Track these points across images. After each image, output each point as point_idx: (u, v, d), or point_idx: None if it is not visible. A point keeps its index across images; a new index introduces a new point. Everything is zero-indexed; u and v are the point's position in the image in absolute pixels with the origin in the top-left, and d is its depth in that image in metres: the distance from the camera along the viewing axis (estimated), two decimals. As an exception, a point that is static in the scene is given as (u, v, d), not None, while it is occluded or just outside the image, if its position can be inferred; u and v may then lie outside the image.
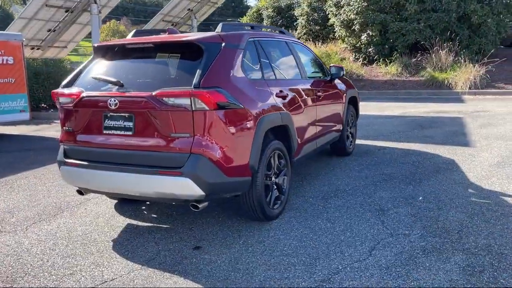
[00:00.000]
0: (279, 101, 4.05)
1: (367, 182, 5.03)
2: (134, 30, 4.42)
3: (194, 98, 3.21)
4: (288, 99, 4.25)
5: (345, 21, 17.43)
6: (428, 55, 15.41)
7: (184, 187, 3.29)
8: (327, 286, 2.87)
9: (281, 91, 4.16)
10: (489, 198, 4.39)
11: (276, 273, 3.06)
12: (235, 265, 3.21)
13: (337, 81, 5.76)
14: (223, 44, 3.61)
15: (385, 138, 7.54)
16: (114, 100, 3.46)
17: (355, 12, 16.53)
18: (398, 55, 16.26)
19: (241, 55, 3.75)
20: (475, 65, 14.07)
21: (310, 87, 4.91)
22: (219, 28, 3.89)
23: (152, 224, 4.10)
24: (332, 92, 5.56)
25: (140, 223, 4.12)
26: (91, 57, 4.01)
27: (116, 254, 3.49)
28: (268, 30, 5.11)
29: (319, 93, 5.03)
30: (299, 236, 3.64)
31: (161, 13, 17.86)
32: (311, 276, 3.00)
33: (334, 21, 18.42)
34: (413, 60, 16.04)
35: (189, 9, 19.06)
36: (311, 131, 4.82)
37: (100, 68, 3.90)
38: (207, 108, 3.25)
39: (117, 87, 3.54)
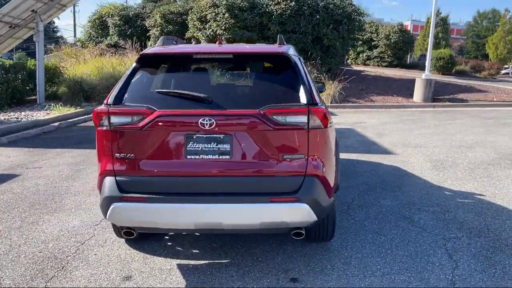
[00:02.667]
0: None
1: (361, 190, 5.30)
2: (162, 37, 3.79)
3: (311, 116, 2.95)
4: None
5: (211, 36, 17.68)
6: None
7: (300, 213, 2.96)
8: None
9: None
10: (468, 197, 5.13)
11: None
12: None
13: None
14: (298, 58, 3.40)
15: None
16: (209, 119, 2.90)
17: (223, 28, 16.92)
18: (264, 71, 17.26)
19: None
20: (333, 82, 15.93)
21: None
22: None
23: (217, 261, 3.53)
24: None
25: (195, 262, 3.51)
26: (135, 67, 3.24)
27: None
28: None
29: None
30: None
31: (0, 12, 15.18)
32: None
33: (198, 35, 18.49)
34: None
35: (33, 10, 16.65)
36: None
37: (160, 81, 3.23)
38: (322, 126, 3.00)
39: (203, 103, 2.98)
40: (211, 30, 17.41)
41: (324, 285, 3.11)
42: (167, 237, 3.95)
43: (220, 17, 16.97)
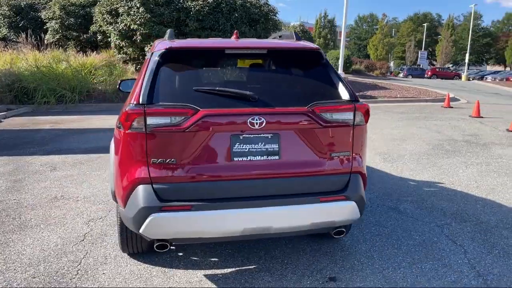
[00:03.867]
0: None
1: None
2: (170, 30, 3.45)
3: (357, 112, 2.92)
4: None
5: (124, 30, 16.74)
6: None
7: (348, 212, 2.92)
8: None
9: None
10: (432, 186, 5.56)
11: None
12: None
13: None
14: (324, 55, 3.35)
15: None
16: (259, 118, 2.71)
17: (138, 22, 16.11)
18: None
19: None
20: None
21: None
22: None
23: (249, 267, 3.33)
24: None
25: (221, 271, 3.27)
26: (159, 61, 2.88)
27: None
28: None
29: None
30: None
31: None
32: None
33: (109, 30, 17.37)
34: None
35: None
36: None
37: (190, 77, 2.94)
38: (363, 122, 3.00)
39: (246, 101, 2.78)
40: (123, 24, 16.47)
41: (364, 281, 3.12)
42: (173, 247, 3.65)
43: (135, 11, 16.14)
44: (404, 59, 72.69)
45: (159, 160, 2.67)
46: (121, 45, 17.11)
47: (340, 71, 17.24)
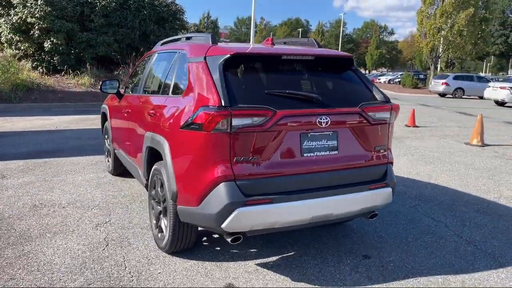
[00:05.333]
0: None
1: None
2: (210, 34, 3.55)
3: (392, 111, 3.44)
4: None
5: (17, 24, 15.26)
6: (122, 68, 16.02)
7: (387, 197, 3.41)
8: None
9: None
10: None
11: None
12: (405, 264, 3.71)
13: None
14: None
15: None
16: (326, 118, 3.05)
17: (37, 16, 14.83)
18: (89, 66, 15.92)
19: None
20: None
21: None
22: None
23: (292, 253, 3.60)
24: None
25: (269, 259, 3.51)
26: (224, 65, 3.02)
27: None
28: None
29: None
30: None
31: None
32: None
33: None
34: (110, 73, 16.21)
35: None
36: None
37: (253, 80, 3.14)
38: (394, 119, 3.53)
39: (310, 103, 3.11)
40: (18, 17, 15.02)
41: (391, 256, 3.66)
42: (206, 243, 3.80)
43: (32, 3, 14.84)
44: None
45: (242, 158, 2.86)
46: (13, 39, 15.52)
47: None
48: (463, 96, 27.35)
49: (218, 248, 3.69)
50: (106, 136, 6.06)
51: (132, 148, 4.42)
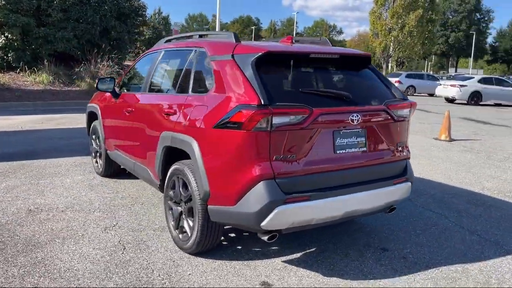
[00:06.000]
0: None
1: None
2: (233, 33, 3.51)
3: (411, 109, 3.57)
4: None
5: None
6: (84, 65, 15.42)
7: (407, 191, 3.52)
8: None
9: None
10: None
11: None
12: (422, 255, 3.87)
13: None
14: None
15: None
16: (357, 115, 3.11)
17: (-11, 9, 13.97)
18: (47, 63, 15.20)
19: None
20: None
21: None
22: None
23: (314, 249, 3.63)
24: None
25: (294, 256, 3.53)
26: (257, 63, 3.00)
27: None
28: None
29: None
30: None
31: None
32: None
33: None
34: (70, 70, 15.55)
35: None
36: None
37: (283, 78, 3.14)
38: (411, 117, 3.66)
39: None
40: (-33, 10, 14.06)
41: (406, 248, 3.80)
42: (225, 243, 3.79)
43: (-16, -4, 13.94)
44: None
45: (282, 156, 2.87)
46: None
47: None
48: (414, 94, 28.62)
49: (240, 247, 3.68)
50: (94, 137, 5.83)
51: (138, 148, 4.29)
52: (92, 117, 5.86)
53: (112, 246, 3.60)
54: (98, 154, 5.73)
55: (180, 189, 3.49)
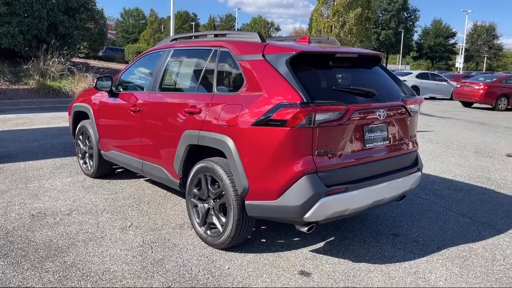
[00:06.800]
0: None
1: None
2: (257, 32, 3.59)
3: (421, 104, 3.87)
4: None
5: None
6: (32, 62, 14.60)
7: (418, 180, 3.82)
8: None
9: None
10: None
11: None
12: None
13: None
14: None
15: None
16: (383, 111, 3.36)
17: None
18: (-10, 60, 14.22)
19: None
20: (89, 73, 14.96)
21: None
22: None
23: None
24: None
25: (319, 246, 3.71)
26: (291, 62, 3.14)
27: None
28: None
29: None
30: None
31: None
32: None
33: None
34: (16, 67, 14.64)
35: None
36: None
37: (318, 76, 3.30)
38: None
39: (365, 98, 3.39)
40: None
41: (418, 231, 4.13)
42: (249, 237, 3.90)
43: None
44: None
45: (323, 151, 3.05)
46: None
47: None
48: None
49: (264, 240, 3.81)
50: (81, 137, 5.67)
51: (149, 148, 4.26)
52: (79, 117, 5.68)
53: (139, 246, 3.59)
54: (88, 155, 5.57)
55: (208, 186, 3.55)
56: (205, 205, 3.63)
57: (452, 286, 3.13)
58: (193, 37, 4.36)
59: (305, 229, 3.17)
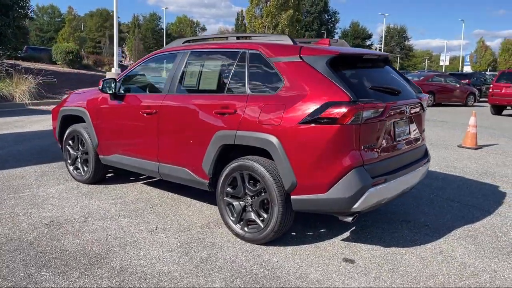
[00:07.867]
0: None
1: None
2: (288, 36, 3.74)
3: (428, 101, 4.29)
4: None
5: None
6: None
7: (427, 170, 4.23)
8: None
9: None
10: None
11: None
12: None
13: None
14: None
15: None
16: (408, 108, 3.70)
17: None
18: None
19: None
20: (28, 76, 14.04)
21: None
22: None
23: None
24: None
25: (343, 236, 3.94)
26: (330, 63, 3.36)
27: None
28: None
29: None
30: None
31: None
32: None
33: None
34: None
35: None
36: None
37: (353, 76, 3.55)
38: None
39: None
40: None
41: (428, 219, 4.54)
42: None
43: None
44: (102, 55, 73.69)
45: (367, 145, 3.31)
46: None
47: (116, 67, 16.93)
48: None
49: (294, 234, 3.98)
50: (71, 143, 5.45)
51: (170, 150, 4.24)
52: (68, 121, 5.45)
53: (178, 247, 3.61)
54: (81, 161, 5.37)
55: (247, 184, 3.65)
56: (241, 202, 3.72)
57: (478, 261, 3.52)
58: (211, 39, 4.41)
59: (349, 219, 3.40)
